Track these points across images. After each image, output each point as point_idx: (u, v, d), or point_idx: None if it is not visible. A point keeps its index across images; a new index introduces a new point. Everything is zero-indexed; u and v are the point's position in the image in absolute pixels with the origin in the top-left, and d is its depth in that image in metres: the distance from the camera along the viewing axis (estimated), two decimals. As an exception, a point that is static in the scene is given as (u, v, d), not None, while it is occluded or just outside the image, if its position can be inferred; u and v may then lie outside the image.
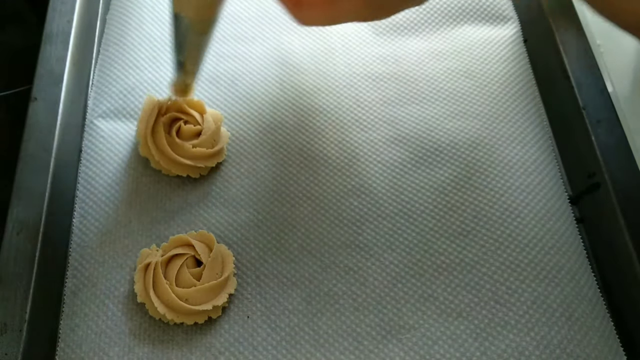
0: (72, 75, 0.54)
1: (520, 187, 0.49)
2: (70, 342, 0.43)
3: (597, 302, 0.45)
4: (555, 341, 0.43)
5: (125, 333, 0.43)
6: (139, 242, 0.47)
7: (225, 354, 0.43)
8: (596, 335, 0.43)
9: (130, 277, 0.45)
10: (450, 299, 0.45)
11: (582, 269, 0.46)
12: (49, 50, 0.55)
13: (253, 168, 0.51)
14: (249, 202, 0.49)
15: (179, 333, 0.44)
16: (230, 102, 0.54)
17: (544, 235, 0.47)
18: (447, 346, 0.43)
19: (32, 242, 0.45)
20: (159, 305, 0.43)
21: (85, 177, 0.50)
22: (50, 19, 0.56)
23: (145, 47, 0.57)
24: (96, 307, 0.44)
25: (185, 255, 0.44)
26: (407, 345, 0.43)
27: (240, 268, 0.46)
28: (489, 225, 0.48)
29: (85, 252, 0.46)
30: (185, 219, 0.48)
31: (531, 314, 0.44)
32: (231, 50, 0.58)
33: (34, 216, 0.46)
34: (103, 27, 0.59)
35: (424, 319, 0.44)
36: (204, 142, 0.49)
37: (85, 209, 0.48)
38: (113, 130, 0.52)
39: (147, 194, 0.49)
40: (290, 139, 0.52)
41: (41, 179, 0.48)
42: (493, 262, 0.46)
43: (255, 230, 0.48)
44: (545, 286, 0.45)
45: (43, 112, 0.51)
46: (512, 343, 0.43)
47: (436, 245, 0.47)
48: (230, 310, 0.45)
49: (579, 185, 0.52)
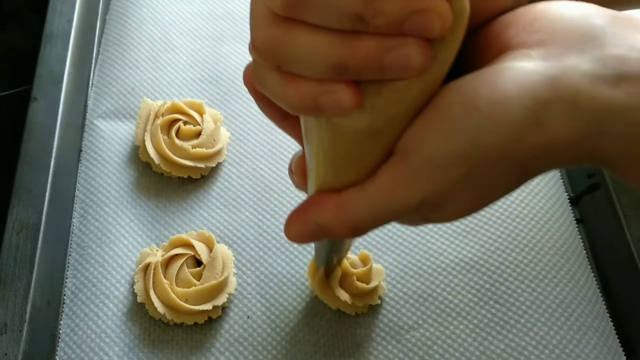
0: (72, 75, 0.54)
1: (520, 187, 0.49)
2: (70, 342, 0.43)
3: (597, 302, 0.45)
4: (554, 341, 0.43)
5: (125, 333, 0.43)
6: (139, 242, 0.47)
7: (225, 354, 0.43)
8: (595, 335, 0.43)
9: (130, 277, 0.45)
10: (449, 299, 0.45)
11: (581, 269, 0.46)
12: (49, 50, 0.54)
13: (253, 168, 0.51)
14: (249, 202, 0.49)
15: (179, 333, 0.44)
16: (230, 102, 0.54)
17: (544, 235, 0.47)
18: (446, 346, 0.43)
19: (32, 242, 0.45)
20: (159, 305, 0.43)
21: (85, 177, 0.50)
22: (50, 19, 0.56)
23: (145, 47, 0.57)
24: (96, 307, 0.44)
25: (185, 255, 0.44)
26: (406, 346, 0.43)
27: (240, 268, 0.46)
28: (489, 225, 0.48)
29: (85, 252, 0.46)
30: (185, 219, 0.48)
31: (530, 314, 0.44)
32: (231, 50, 0.58)
33: (34, 216, 0.46)
34: (103, 27, 0.59)
35: (424, 319, 0.44)
36: (204, 143, 0.49)
37: (85, 209, 0.48)
38: (113, 130, 0.52)
39: (147, 194, 0.49)
40: (290, 139, 0.52)
41: (41, 179, 0.48)
42: (492, 262, 0.46)
43: (255, 230, 0.48)
44: (544, 286, 0.45)
45: (43, 112, 0.51)
46: (511, 343, 0.43)
47: (435, 246, 0.47)
48: (230, 310, 0.45)
49: (579, 185, 0.52)
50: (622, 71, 0.21)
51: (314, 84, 0.22)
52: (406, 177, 0.24)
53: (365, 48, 0.20)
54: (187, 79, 0.56)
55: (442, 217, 0.26)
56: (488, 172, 0.23)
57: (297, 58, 0.21)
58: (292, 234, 0.27)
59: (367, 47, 0.20)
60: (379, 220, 0.25)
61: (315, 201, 0.27)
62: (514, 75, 0.21)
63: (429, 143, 0.23)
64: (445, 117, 0.22)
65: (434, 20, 0.20)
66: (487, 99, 0.21)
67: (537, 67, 0.21)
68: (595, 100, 0.21)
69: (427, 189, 0.23)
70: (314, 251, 0.43)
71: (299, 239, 0.27)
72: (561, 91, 0.21)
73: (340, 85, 0.22)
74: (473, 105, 0.22)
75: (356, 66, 0.21)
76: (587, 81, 0.21)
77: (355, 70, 0.21)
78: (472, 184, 0.23)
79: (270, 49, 0.22)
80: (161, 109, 0.50)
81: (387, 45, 0.20)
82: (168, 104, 0.50)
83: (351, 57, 0.21)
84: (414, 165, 0.23)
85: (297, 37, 0.21)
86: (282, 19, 0.21)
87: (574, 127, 0.21)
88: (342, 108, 0.22)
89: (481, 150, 0.22)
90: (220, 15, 0.60)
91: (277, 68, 0.22)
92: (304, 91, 0.22)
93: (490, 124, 0.21)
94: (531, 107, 0.21)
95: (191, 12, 0.60)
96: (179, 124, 0.49)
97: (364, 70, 0.21)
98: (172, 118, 0.50)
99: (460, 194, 0.24)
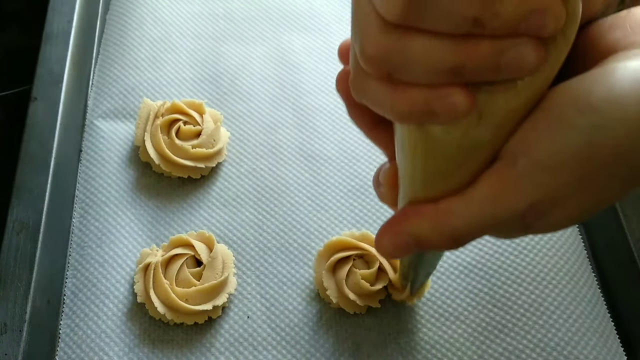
0: (72, 75, 0.54)
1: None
2: (70, 342, 0.43)
3: (597, 302, 0.45)
4: (552, 343, 0.43)
5: (125, 333, 0.43)
6: (139, 242, 0.47)
7: (225, 354, 0.43)
8: (595, 336, 0.43)
9: (130, 277, 0.45)
10: (448, 303, 0.45)
11: (581, 270, 0.46)
12: (49, 50, 0.54)
13: (253, 168, 0.51)
14: (249, 202, 0.49)
15: (179, 333, 0.44)
16: (230, 102, 0.54)
17: (543, 236, 0.47)
18: (444, 349, 0.43)
19: (32, 242, 0.45)
20: (159, 305, 0.43)
21: (85, 177, 0.50)
22: (50, 19, 0.56)
23: (145, 47, 0.57)
24: (96, 307, 0.44)
25: (185, 255, 0.44)
26: (405, 349, 0.43)
27: (240, 268, 0.46)
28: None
29: (85, 252, 0.46)
30: (185, 219, 0.48)
31: (528, 317, 0.44)
32: (231, 50, 0.58)
33: (34, 216, 0.46)
34: (103, 27, 0.59)
35: (422, 322, 0.44)
36: (204, 143, 0.49)
37: (85, 209, 0.48)
38: (113, 130, 0.52)
39: (147, 194, 0.49)
40: (290, 139, 0.52)
41: (41, 179, 0.48)
42: (491, 265, 0.46)
43: (255, 230, 0.48)
44: (543, 288, 0.45)
45: (43, 112, 0.51)
46: (509, 346, 0.43)
47: (435, 248, 0.47)
48: (230, 310, 0.45)
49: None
50: None
51: (426, 91, 0.22)
52: (513, 182, 0.23)
53: (481, 50, 0.20)
54: (187, 79, 0.56)
55: (547, 226, 0.25)
56: (601, 176, 0.22)
57: (413, 64, 0.21)
58: (384, 246, 0.26)
59: (483, 49, 0.20)
60: (480, 230, 0.24)
61: (410, 212, 0.26)
62: (629, 75, 0.21)
63: (539, 145, 0.22)
64: (557, 118, 0.22)
65: (549, 20, 0.20)
66: (602, 98, 0.21)
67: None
68: None
69: (536, 193, 0.22)
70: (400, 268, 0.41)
71: (393, 252, 0.26)
72: None
73: (454, 88, 0.21)
74: (587, 104, 0.21)
75: (472, 68, 0.21)
76: None
77: (471, 72, 0.21)
78: (584, 189, 0.22)
79: (384, 58, 0.21)
80: (161, 109, 0.50)
81: (502, 46, 0.20)
82: (168, 104, 0.50)
83: (468, 60, 0.21)
84: (522, 169, 0.22)
85: (413, 44, 0.21)
86: (394, 27, 0.21)
87: None
88: (456, 111, 0.22)
89: (596, 151, 0.21)
90: (220, 15, 0.60)
91: (386, 77, 0.22)
92: (416, 98, 0.22)
93: (606, 122, 0.21)
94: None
95: (191, 12, 0.60)
96: (179, 124, 0.49)
97: (479, 72, 0.21)
98: (172, 118, 0.50)
99: (570, 200, 0.23)
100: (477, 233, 0.24)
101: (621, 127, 0.21)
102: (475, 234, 0.24)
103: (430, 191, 0.25)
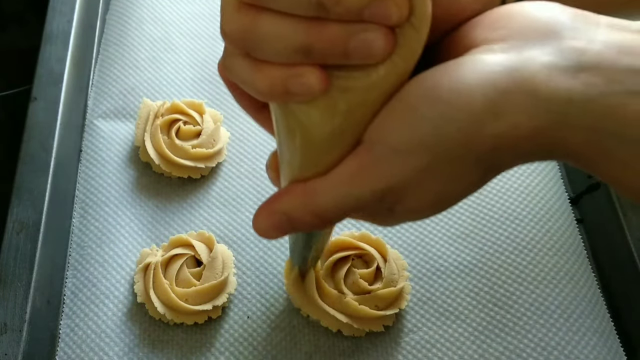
0: (72, 75, 0.54)
1: (520, 187, 0.49)
2: (70, 342, 0.43)
3: (597, 302, 0.45)
4: (552, 343, 0.43)
5: (125, 333, 0.43)
6: (139, 242, 0.47)
7: (225, 354, 0.43)
8: (595, 335, 0.43)
9: (130, 277, 0.45)
10: (448, 302, 0.45)
11: (581, 269, 0.46)
12: (49, 50, 0.55)
13: (253, 168, 0.51)
14: (249, 202, 0.49)
15: (179, 333, 0.44)
16: (230, 102, 0.54)
17: (543, 236, 0.47)
18: (445, 349, 0.43)
19: (32, 242, 0.45)
20: (159, 305, 0.43)
21: (85, 177, 0.50)
22: (50, 19, 0.56)
23: (145, 47, 0.57)
24: (96, 307, 0.44)
25: (185, 255, 0.44)
26: (405, 348, 0.43)
27: (240, 268, 0.46)
28: (488, 227, 0.48)
29: (85, 252, 0.46)
30: (185, 219, 0.48)
31: (529, 316, 0.44)
32: (231, 50, 0.58)
33: (34, 216, 0.46)
34: (103, 27, 0.59)
35: (423, 322, 0.44)
36: (204, 143, 0.49)
37: (85, 209, 0.48)
38: (113, 130, 0.52)
39: (147, 194, 0.49)
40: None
41: (41, 179, 0.48)
42: (491, 264, 0.46)
43: (255, 230, 0.48)
44: (543, 287, 0.45)
45: (43, 112, 0.51)
46: (509, 345, 0.43)
47: (435, 249, 0.47)
48: (230, 310, 0.45)
49: (579, 185, 0.52)
50: (580, 62, 0.22)
51: (282, 69, 0.23)
52: (370, 165, 0.24)
53: (329, 33, 0.21)
54: (187, 79, 0.56)
55: (407, 211, 0.26)
56: (450, 164, 0.23)
57: (265, 43, 0.22)
58: (260, 226, 0.27)
59: (331, 31, 0.21)
60: (344, 208, 0.25)
61: (282, 192, 0.27)
62: (475, 66, 0.22)
63: (392, 132, 0.23)
64: (409, 107, 0.23)
65: (391, 9, 0.21)
66: (449, 89, 0.22)
67: (498, 58, 0.22)
68: (554, 90, 0.21)
69: (390, 176, 0.24)
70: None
71: (267, 232, 0.27)
72: (520, 81, 0.22)
73: (308, 67, 0.22)
74: (435, 94, 0.22)
75: (321, 49, 0.22)
76: (546, 71, 0.22)
77: (321, 53, 0.22)
78: (434, 175, 0.24)
79: (239, 35, 0.23)
80: (161, 109, 0.50)
81: (350, 31, 0.21)
82: (168, 104, 0.50)
83: (316, 40, 0.22)
84: (378, 153, 0.24)
85: (264, 23, 0.22)
86: (248, 6, 0.22)
87: (533, 116, 0.22)
88: (310, 91, 0.23)
89: (442, 140, 0.23)
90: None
91: (246, 55, 0.23)
92: (273, 76, 0.23)
93: (452, 112, 0.22)
94: (491, 96, 0.22)
95: (191, 12, 0.60)
96: (178, 124, 0.49)
97: (329, 54, 0.22)
98: (172, 118, 0.50)
99: (422, 185, 0.24)
100: (342, 210, 0.26)
101: (466, 116, 0.22)
102: (341, 212, 0.26)
103: (304, 172, 0.26)
